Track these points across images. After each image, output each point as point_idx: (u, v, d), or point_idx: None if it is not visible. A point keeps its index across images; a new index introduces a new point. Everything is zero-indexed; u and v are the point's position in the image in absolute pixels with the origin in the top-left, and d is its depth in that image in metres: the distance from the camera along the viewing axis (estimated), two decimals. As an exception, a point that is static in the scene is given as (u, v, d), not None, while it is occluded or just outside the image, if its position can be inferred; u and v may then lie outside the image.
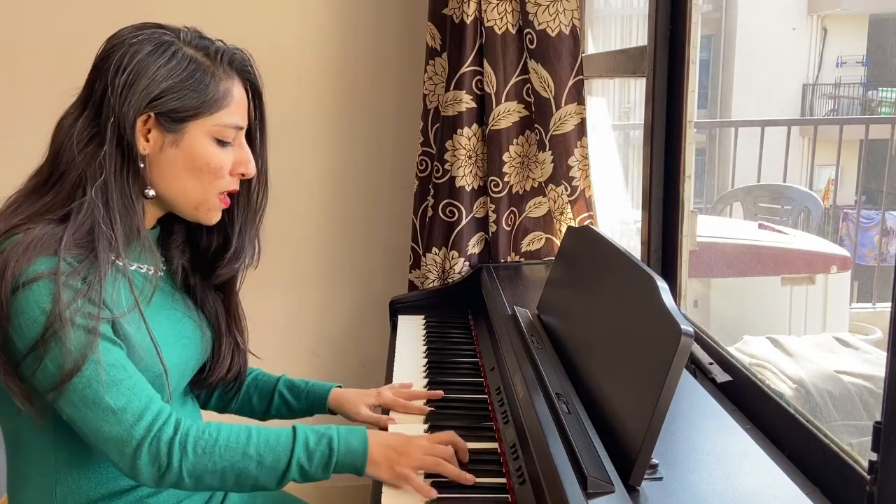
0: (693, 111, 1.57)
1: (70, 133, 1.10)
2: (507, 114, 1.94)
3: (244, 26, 2.12)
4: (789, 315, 3.28)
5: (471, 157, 1.98)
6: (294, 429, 1.11)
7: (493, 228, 2.00)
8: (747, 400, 1.20)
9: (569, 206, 1.94)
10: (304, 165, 2.33)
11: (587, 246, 1.40)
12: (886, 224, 4.72)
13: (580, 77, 1.89)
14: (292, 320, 2.41)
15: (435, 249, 2.03)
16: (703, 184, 5.61)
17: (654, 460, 0.96)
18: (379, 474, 1.12)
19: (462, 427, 1.30)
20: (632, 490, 0.93)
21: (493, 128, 1.95)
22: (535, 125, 1.94)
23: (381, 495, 1.11)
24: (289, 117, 2.27)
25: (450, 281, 2.00)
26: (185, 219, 1.22)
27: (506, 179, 1.97)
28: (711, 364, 1.28)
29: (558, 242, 1.94)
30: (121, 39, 1.12)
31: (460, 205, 1.99)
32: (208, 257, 1.27)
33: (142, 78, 1.09)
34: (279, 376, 1.42)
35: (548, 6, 1.84)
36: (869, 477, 0.78)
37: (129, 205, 1.11)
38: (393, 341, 1.74)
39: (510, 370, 1.32)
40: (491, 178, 1.97)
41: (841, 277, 3.33)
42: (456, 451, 1.16)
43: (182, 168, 1.14)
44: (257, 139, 1.23)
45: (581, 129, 1.91)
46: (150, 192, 1.14)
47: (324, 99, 2.31)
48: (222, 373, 1.30)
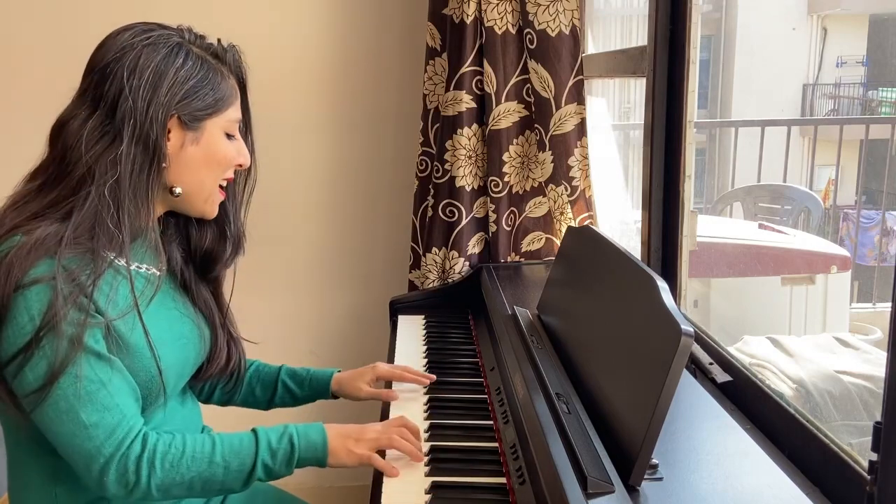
0: (693, 111, 1.57)
1: (80, 133, 1.10)
2: (507, 114, 1.94)
3: (244, 26, 2.12)
4: (789, 315, 3.27)
5: (471, 157, 1.98)
6: (254, 431, 1.14)
7: (493, 228, 2.00)
8: (747, 400, 1.20)
9: (569, 206, 1.94)
10: (304, 165, 2.33)
11: (587, 246, 1.40)
12: (886, 224, 4.72)
13: (580, 77, 1.89)
14: (292, 320, 2.41)
15: (435, 249, 2.03)
16: (703, 184, 5.60)
17: (654, 460, 0.96)
18: (341, 461, 1.16)
19: (462, 427, 1.30)
20: (632, 490, 0.93)
21: (493, 128, 1.95)
22: (535, 125, 1.94)
23: (381, 495, 1.11)
24: (289, 117, 2.27)
25: (450, 281, 2.00)
26: (189, 215, 1.23)
27: (506, 179, 1.97)
28: (711, 364, 1.28)
29: (558, 242, 1.94)
30: (129, 42, 1.13)
31: (460, 205, 1.99)
32: (204, 251, 1.29)
33: (164, 80, 1.12)
34: (279, 366, 1.45)
35: (548, 6, 1.84)
36: (869, 477, 0.77)
37: (141, 204, 1.12)
38: (393, 341, 1.74)
39: (510, 370, 1.32)
40: (491, 178, 1.97)
41: (841, 277, 3.33)
42: (411, 432, 1.21)
43: (201, 163, 1.18)
44: (245, 129, 1.27)
45: (581, 129, 1.91)
46: (178, 190, 1.17)
47: (324, 99, 2.31)
48: (221, 364, 1.32)
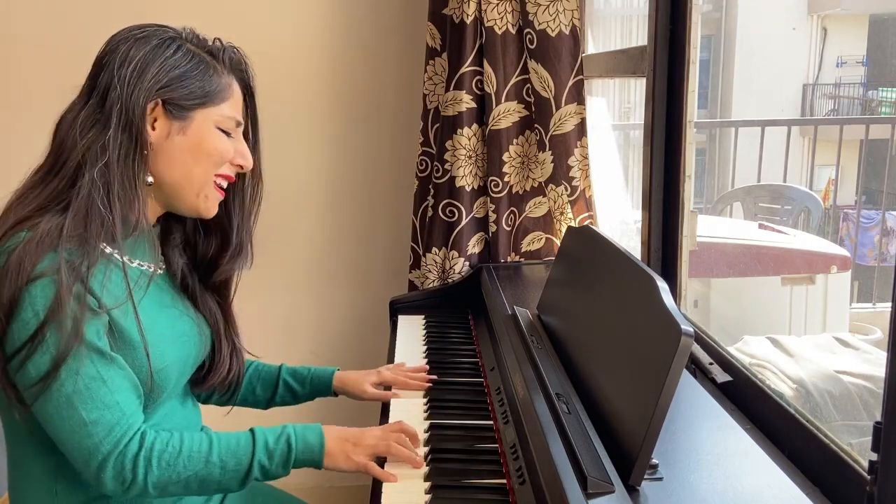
0: (693, 111, 1.57)
1: (73, 123, 1.12)
2: (507, 114, 1.94)
3: (244, 26, 2.12)
4: (789, 315, 3.27)
5: (471, 157, 1.98)
6: (252, 431, 1.14)
7: (493, 228, 2.00)
8: (747, 400, 1.20)
9: (569, 206, 1.94)
10: (305, 165, 2.33)
11: (587, 246, 1.40)
12: (886, 224, 4.72)
13: (580, 77, 1.89)
14: (292, 320, 2.42)
15: (435, 249, 2.03)
16: (703, 184, 5.61)
17: (654, 460, 0.96)
18: (338, 465, 1.16)
19: (462, 427, 1.30)
20: (632, 490, 0.93)
21: (493, 128, 1.95)
22: (535, 125, 1.94)
23: (381, 495, 1.11)
24: (289, 117, 2.27)
25: (450, 281, 2.00)
26: (185, 214, 1.23)
27: (506, 179, 1.97)
28: (711, 364, 1.28)
29: (558, 242, 1.94)
30: (124, 36, 1.15)
31: (460, 205, 1.99)
32: (208, 259, 1.29)
33: (150, 67, 1.13)
34: (279, 365, 1.45)
35: (548, 6, 1.84)
36: (869, 477, 0.77)
37: (129, 190, 1.12)
38: (393, 341, 1.74)
39: (510, 370, 1.32)
40: (491, 178, 1.97)
41: (841, 277, 3.33)
42: (409, 437, 1.20)
43: (188, 154, 1.17)
44: (251, 137, 1.27)
45: (581, 129, 1.91)
46: (150, 179, 1.16)
47: (324, 99, 2.31)
48: (222, 375, 1.32)
